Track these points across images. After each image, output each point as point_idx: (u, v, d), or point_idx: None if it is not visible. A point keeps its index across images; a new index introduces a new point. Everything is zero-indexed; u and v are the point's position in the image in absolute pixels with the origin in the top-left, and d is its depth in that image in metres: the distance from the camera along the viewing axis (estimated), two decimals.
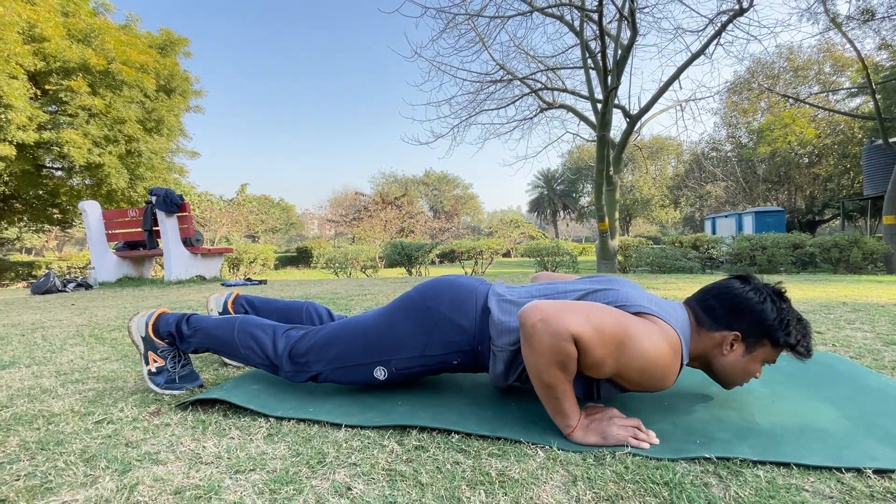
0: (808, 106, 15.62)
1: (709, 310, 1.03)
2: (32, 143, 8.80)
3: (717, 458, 0.82)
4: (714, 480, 0.76)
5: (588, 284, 1.08)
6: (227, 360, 1.56)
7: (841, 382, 1.19)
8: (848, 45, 9.10)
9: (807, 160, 18.67)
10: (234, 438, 0.96)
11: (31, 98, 8.76)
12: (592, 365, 0.86)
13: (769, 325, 0.98)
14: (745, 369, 1.01)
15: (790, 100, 15.54)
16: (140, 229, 6.02)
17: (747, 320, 0.99)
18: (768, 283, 1.04)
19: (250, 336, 1.21)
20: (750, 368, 1.01)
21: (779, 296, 1.01)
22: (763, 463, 0.81)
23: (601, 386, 0.99)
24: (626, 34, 7.56)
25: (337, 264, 10.69)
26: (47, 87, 9.18)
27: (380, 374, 1.12)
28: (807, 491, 0.73)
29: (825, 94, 16.36)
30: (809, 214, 19.61)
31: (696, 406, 1.07)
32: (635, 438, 0.88)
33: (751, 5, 6.55)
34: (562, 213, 43.34)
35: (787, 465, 0.80)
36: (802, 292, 3.21)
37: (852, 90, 15.00)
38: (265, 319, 1.27)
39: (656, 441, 0.88)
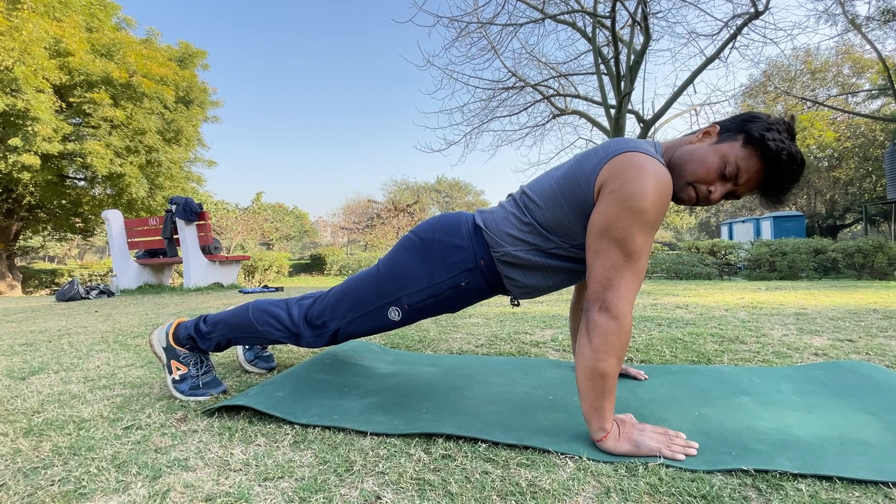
0: (826, 109, 15.32)
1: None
2: (56, 154, 9.07)
3: (756, 471, 0.79)
4: (753, 494, 0.74)
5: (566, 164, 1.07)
6: (247, 367, 1.57)
7: (879, 392, 1.15)
8: (867, 47, 8.93)
9: (826, 164, 18.27)
10: (260, 445, 0.96)
11: (56, 111, 9.05)
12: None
13: (750, 118, 0.94)
14: (703, 160, 0.94)
15: (808, 103, 15.27)
16: (160, 237, 6.14)
17: (732, 119, 0.97)
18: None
19: (265, 313, 1.24)
20: (709, 160, 0.94)
21: (780, 119, 0.95)
22: (804, 476, 0.78)
23: None
24: (638, 39, 7.54)
25: (350, 271, 10.75)
26: (71, 99, 9.48)
27: (394, 314, 1.14)
28: None
29: (844, 96, 16.04)
30: (830, 219, 19.16)
31: (727, 416, 1.04)
32: (668, 449, 0.86)
33: (766, 8, 6.48)
34: None
35: (829, 478, 0.77)
36: (829, 299, 3.13)
37: (873, 92, 14.68)
38: (275, 298, 1.30)
39: (694, 452, 0.86)
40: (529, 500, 0.73)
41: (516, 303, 1.21)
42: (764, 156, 0.91)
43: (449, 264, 1.10)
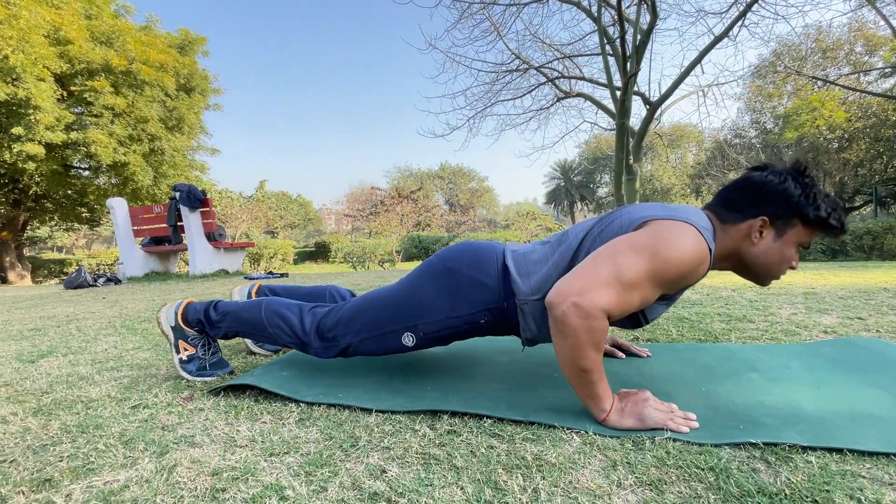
0: (837, 88, 14.98)
1: (730, 203, 1.00)
2: (60, 144, 9.08)
3: (764, 444, 0.78)
4: (762, 466, 0.73)
5: (595, 220, 1.05)
6: (253, 349, 1.58)
7: (890, 368, 1.14)
8: (881, 23, 8.67)
9: (836, 145, 17.94)
10: (266, 423, 0.96)
11: (57, 99, 9.02)
12: (637, 306, 0.88)
13: (795, 202, 0.94)
14: (779, 256, 0.97)
15: (819, 82, 14.95)
16: (165, 225, 6.16)
17: (772, 202, 0.95)
18: (785, 165, 0.99)
19: (277, 315, 1.21)
20: (785, 254, 0.97)
21: (800, 172, 0.97)
22: (813, 449, 0.77)
23: (647, 312, 0.98)
24: (645, 18, 7.36)
25: (355, 258, 10.79)
26: (73, 88, 9.44)
27: (408, 340, 1.12)
28: (864, 477, 0.69)
29: (856, 75, 15.66)
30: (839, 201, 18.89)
31: (735, 391, 1.03)
32: (673, 422, 0.86)
33: None
34: (579, 204, 42.77)
35: (839, 451, 0.76)
36: (839, 278, 3.09)
37: (886, 70, 14.32)
38: (290, 300, 1.28)
39: (696, 424, 0.85)
40: (535, 473, 0.73)
41: (523, 347, 1.17)
42: (824, 226, 0.96)
43: (472, 301, 1.07)
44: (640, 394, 0.92)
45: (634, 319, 1.00)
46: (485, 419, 0.94)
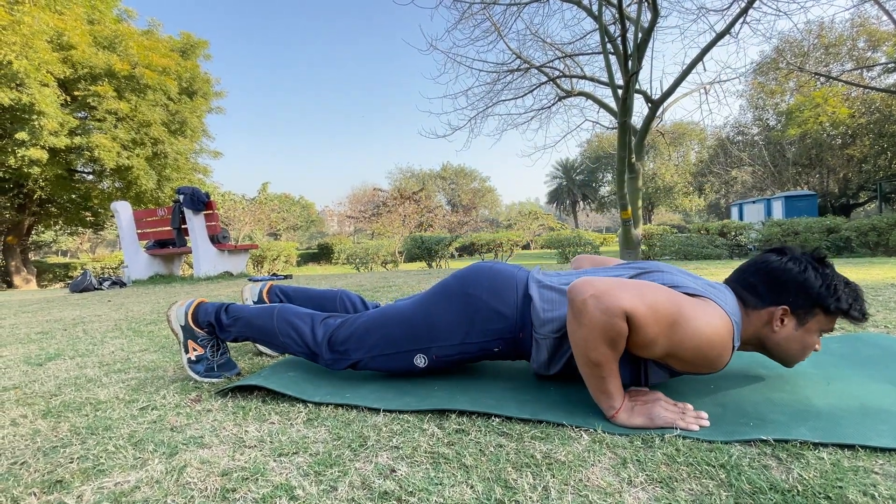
0: (840, 84, 14.92)
1: (750, 288, 0.99)
2: (64, 148, 9.12)
3: (775, 441, 0.78)
4: (773, 463, 0.73)
5: (634, 269, 1.05)
6: (261, 349, 1.58)
7: None
8: (884, 18, 8.63)
9: (840, 141, 17.86)
10: (274, 423, 0.96)
11: (61, 104, 9.07)
12: (644, 344, 0.84)
13: (816, 294, 0.93)
14: (802, 343, 0.96)
15: (821, 78, 14.87)
16: (169, 228, 6.18)
17: (792, 292, 0.95)
18: (805, 251, 0.99)
19: (289, 325, 1.21)
20: (807, 341, 0.97)
21: (820, 261, 0.97)
22: (825, 445, 0.77)
23: (650, 370, 0.96)
24: (646, 16, 7.34)
25: (358, 259, 10.79)
26: (76, 93, 9.49)
27: (420, 361, 1.12)
28: (876, 473, 0.69)
29: (859, 70, 15.58)
30: (843, 198, 18.80)
31: (744, 388, 1.03)
32: (683, 420, 0.85)
33: None
34: (581, 203, 42.69)
35: (851, 447, 0.76)
36: (844, 274, 3.07)
37: (889, 66, 14.24)
38: (302, 308, 1.28)
39: (707, 423, 0.85)
40: (545, 471, 0.73)
41: (534, 374, 1.16)
42: (845, 316, 0.96)
43: (487, 329, 1.06)
44: (650, 393, 0.92)
45: (635, 373, 0.97)
46: (493, 418, 0.94)
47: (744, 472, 0.70)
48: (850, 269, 3.51)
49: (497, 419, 0.93)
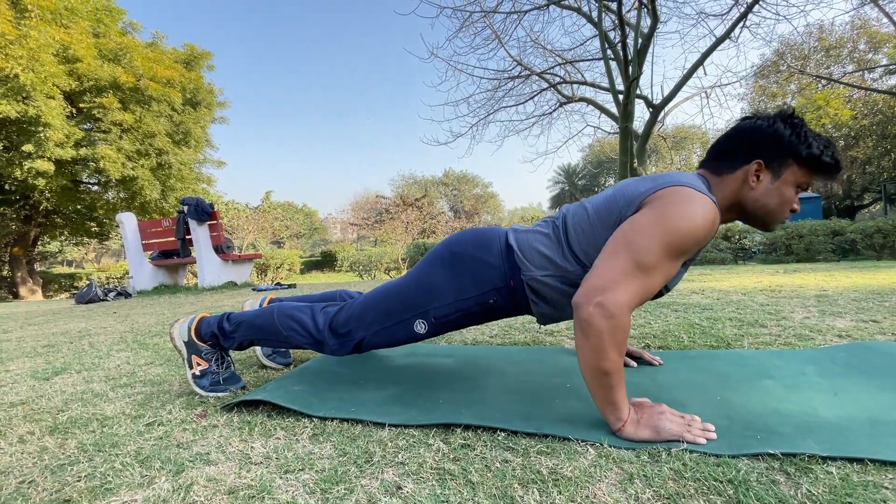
0: (842, 86, 14.90)
1: (723, 154, 1.02)
2: (70, 160, 9.22)
3: (783, 454, 0.77)
4: (782, 478, 0.72)
5: (582, 203, 1.09)
6: (264, 362, 1.58)
7: None
8: (885, 20, 8.63)
9: (843, 143, 17.80)
10: (280, 439, 0.97)
11: (67, 116, 9.18)
12: (660, 288, 0.92)
13: (787, 143, 0.95)
14: (779, 196, 0.99)
15: (823, 81, 14.86)
16: (173, 238, 6.22)
17: (764, 146, 0.97)
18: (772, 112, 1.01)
19: (290, 318, 1.23)
20: (785, 195, 0.99)
21: (788, 116, 0.98)
22: (833, 459, 0.76)
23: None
24: (646, 22, 7.38)
25: (361, 267, 10.81)
26: (81, 105, 9.60)
27: (420, 327, 1.13)
28: (887, 488, 0.68)
29: (861, 72, 15.56)
30: (847, 200, 18.71)
31: (751, 400, 1.02)
32: (690, 433, 0.85)
33: None
34: None
35: (860, 460, 0.75)
36: (850, 280, 3.06)
37: (890, 67, 14.22)
38: (301, 302, 1.30)
39: (714, 436, 0.85)
40: (552, 487, 0.73)
41: (539, 325, 1.21)
42: (818, 163, 0.97)
43: (478, 281, 1.09)
44: (656, 406, 0.92)
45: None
46: (498, 432, 0.94)
47: (752, 488, 0.69)
48: (854, 274, 3.49)
49: (503, 433, 0.93)
